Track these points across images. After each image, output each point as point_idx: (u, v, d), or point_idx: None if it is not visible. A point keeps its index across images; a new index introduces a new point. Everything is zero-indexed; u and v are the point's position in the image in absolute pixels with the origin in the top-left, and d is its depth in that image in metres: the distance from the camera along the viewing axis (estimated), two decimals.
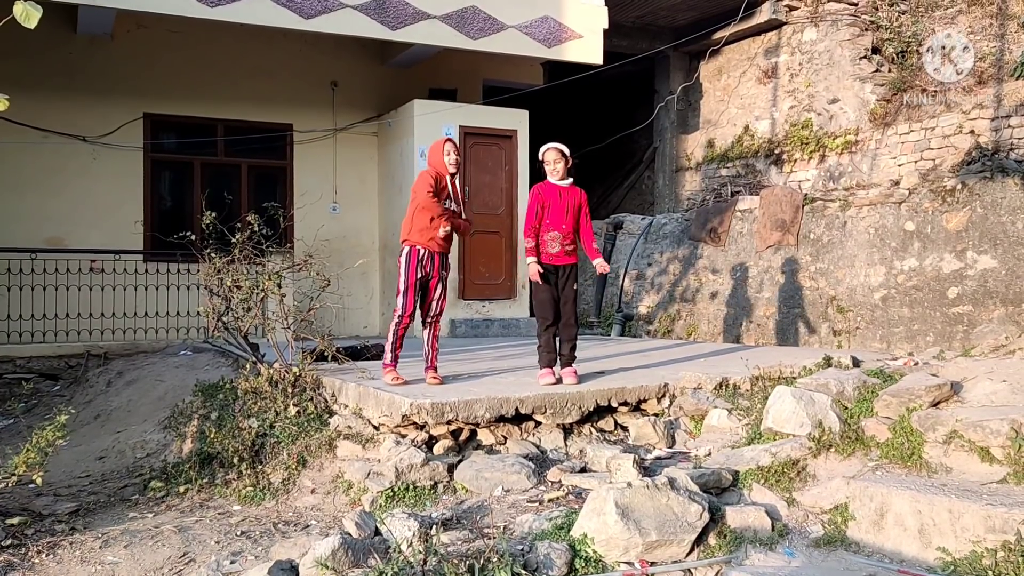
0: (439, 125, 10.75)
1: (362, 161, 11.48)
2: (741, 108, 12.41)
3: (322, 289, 6.44)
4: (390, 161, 11.26)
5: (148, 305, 9.42)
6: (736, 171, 12.23)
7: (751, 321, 9.29)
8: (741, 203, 9.88)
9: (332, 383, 5.98)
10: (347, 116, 11.43)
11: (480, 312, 11.01)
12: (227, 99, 10.83)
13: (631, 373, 6.29)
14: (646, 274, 11.03)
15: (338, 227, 11.17)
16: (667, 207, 13.30)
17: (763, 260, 9.31)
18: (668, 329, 10.39)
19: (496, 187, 11.13)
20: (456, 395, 5.12)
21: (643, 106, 14.11)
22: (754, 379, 5.79)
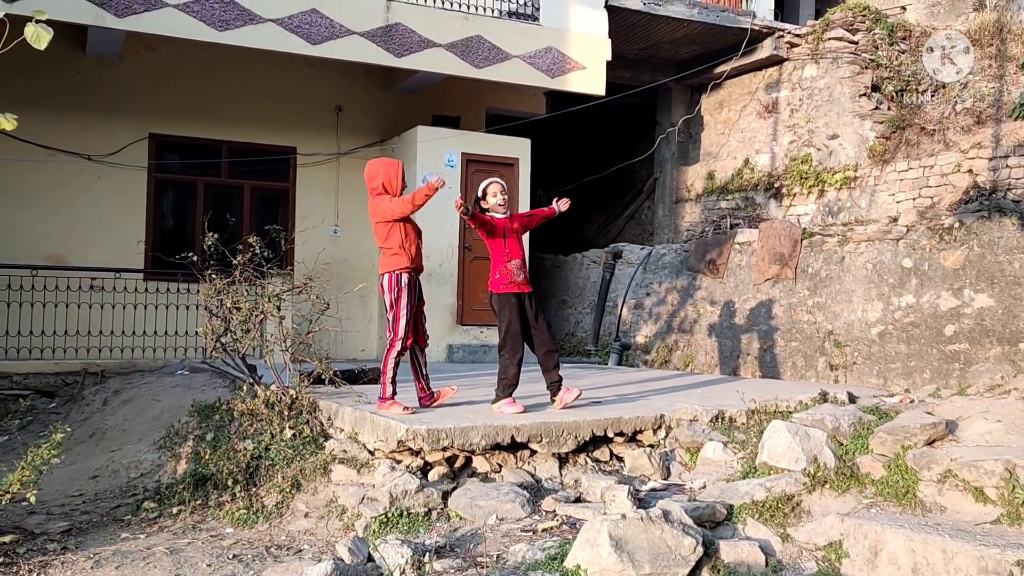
0: (442, 152, 10.83)
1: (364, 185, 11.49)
2: (742, 141, 12.50)
3: (321, 312, 6.45)
4: None
5: (147, 324, 9.42)
6: (736, 204, 12.29)
7: (748, 353, 9.29)
8: (740, 236, 9.92)
9: (328, 407, 5.97)
10: (351, 141, 11.51)
11: (478, 338, 11.01)
12: (232, 121, 10.91)
13: (628, 403, 6.29)
14: (644, 304, 11.05)
15: (339, 250, 11.20)
16: (666, 238, 13.35)
17: (761, 293, 9.34)
18: (665, 359, 10.38)
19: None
20: (452, 422, 5.12)
21: (644, 137, 14.21)
22: (750, 413, 5.79)
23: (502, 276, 5.77)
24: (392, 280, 5.66)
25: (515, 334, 5.72)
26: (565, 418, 5.39)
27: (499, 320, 5.78)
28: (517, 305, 5.74)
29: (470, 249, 11.02)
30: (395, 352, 5.63)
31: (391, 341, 5.65)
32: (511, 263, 5.79)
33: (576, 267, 12.80)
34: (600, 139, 15.61)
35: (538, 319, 5.83)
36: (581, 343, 12.19)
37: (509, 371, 5.72)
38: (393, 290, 5.64)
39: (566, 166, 15.92)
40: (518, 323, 5.72)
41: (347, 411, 5.72)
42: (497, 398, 5.75)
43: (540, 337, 5.83)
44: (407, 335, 5.64)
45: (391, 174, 5.76)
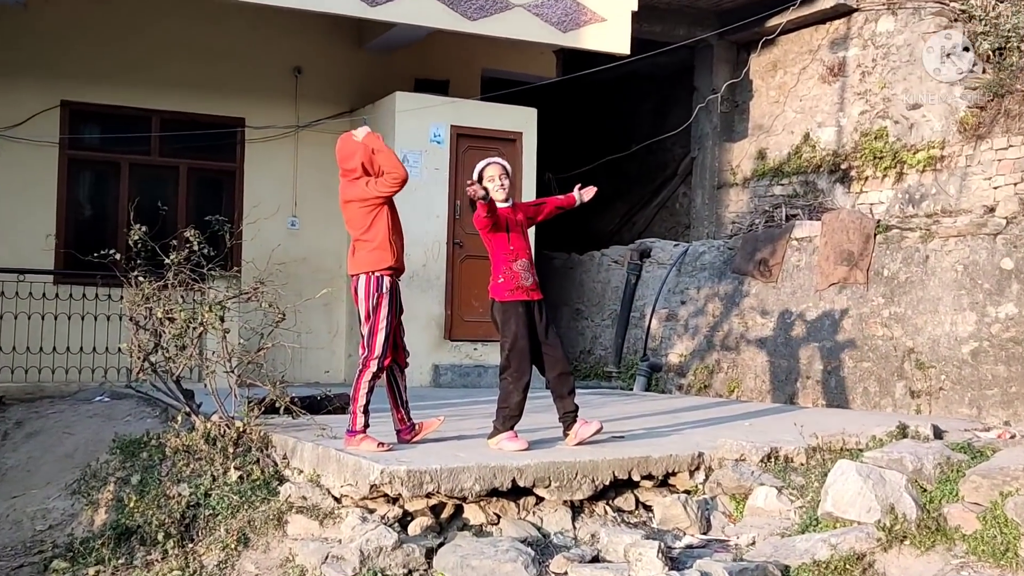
0: (426, 124, 10.84)
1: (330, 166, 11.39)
2: (800, 112, 12.51)
3: (275, 324, 6.45)
4: None
5: (57, 339, 9.42)
6: (792, 189, 12.30)
7: (808, 376, 9.29)
8: (798, 229, 9.92)
9: (284, 442, 5.97)
10: (313, 110, 11.52)
11: (471, 357, 11.01)
12: (165, 86, 10.93)
13: (658, 439, 6.29)
14: (678, 314, 11.05)
15: (297, 247, 11.21)
16: (706, 232, 13.37)
17: (824, 301, 9.34)
18: (705, 384, 10.38)
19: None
20: (438, 461, 5.12)
21: (679, 107, 14.24)
22: (810, 450, 5.79)
23: (507, 280, 5.77)
24: (371, 284, 5.63)
25: (521, 352, 5.71)
26: (580, 457, 5.38)
27: (501, 334, 5.78)
28: (525, 316, 5.73)
29: (461, 245, 11.04)
30: (370, 374, 5.62)
31: (365, 360, 5.63)
32: (517, 263, 5.79)
33: (593, 268, 12.81)
34: (624, 109, 15.65)
35: (549, 333, 5.83)
36: (599, 363, 12.19)
37: (512, 398, 5.71)
38: (372, 296, 5.62)
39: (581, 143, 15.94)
40: (525, 338, 5.71)
41: (307, 448, 5.71)
42: (495, 432, 5.74)
43: (552, 356, 5.83)
44: (385, 353, 5.63)
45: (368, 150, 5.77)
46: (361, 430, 5.60)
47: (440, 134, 10.92)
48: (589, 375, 12.02)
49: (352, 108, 11.62)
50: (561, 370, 5.83)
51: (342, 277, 11.69)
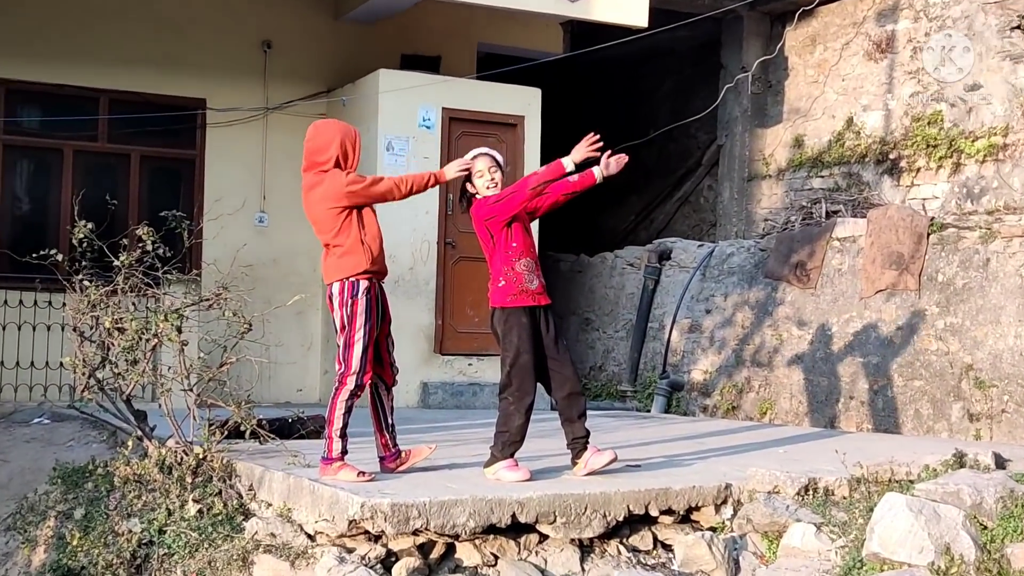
0: (415, 106, 10.84)
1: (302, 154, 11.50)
2: (843, 93, 12.52)
3: (241, 335, 6.45)
4: None
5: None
6: (834, 182, 12.29)
7: (851, 397, 9.28)
8: (840, 228, 9.92)
9: (250, 471, 5.96)
10: (284, 90, 11.52)
11: (464, 373, 11.00)
12: (114, 63, 10.92)
13: (679, 468, 6.29)
14: (703, 325, 11.05)
15: (266, 247, 11.20)
16: (735, 230, 13.37)
17: (870, 310, 9.34)
18: (733, 405, 10.37)
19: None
20: (427, 493, 5.11)
21: (704, 88, 14.23)
22: (854, 481, 5.78)
23: (509, 283, 5.74)
24: (346, 290, 5.64)
25: (524, 368, 5.69)
26: (590, 489, 5.38)
27: (502, 347, 5.76)
28: (530, 325, 5.72)
29: (454, 246, 11.04)
30: (347, 393, 5.61)
31: (341, 377, 5.62)
32: (520, 263, 5.78)
33: (605, 272, 12.80)
34: (641, 91, 15.65)
35: (558, 346, 5.81)
36: (612, 381, 12.17)
37: (513, 421, 5.70)
38: (346, 304, 5.62)
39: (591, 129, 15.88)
40: (529, 352, 5.69)
41: (277, 477, 5.70)
42: (493, 460, 5.74)
43: (561, 373, 5.81)
44: (364, 368, 5.62)
45: (347, 143, 5.77)
46: (338, 457, 5.59)
47: (430, 118, 10.92)
48: (600, 394, 12.00)
49: (329, 88, 11.62)
50: (571, 389, 5.82)
51: (317, 281, 11.63)
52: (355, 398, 5.64)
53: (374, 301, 5.68)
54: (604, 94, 16.09)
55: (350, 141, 5.77)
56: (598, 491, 5.34)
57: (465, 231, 10.78)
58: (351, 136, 5.80)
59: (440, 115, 10.95)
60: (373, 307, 5.66)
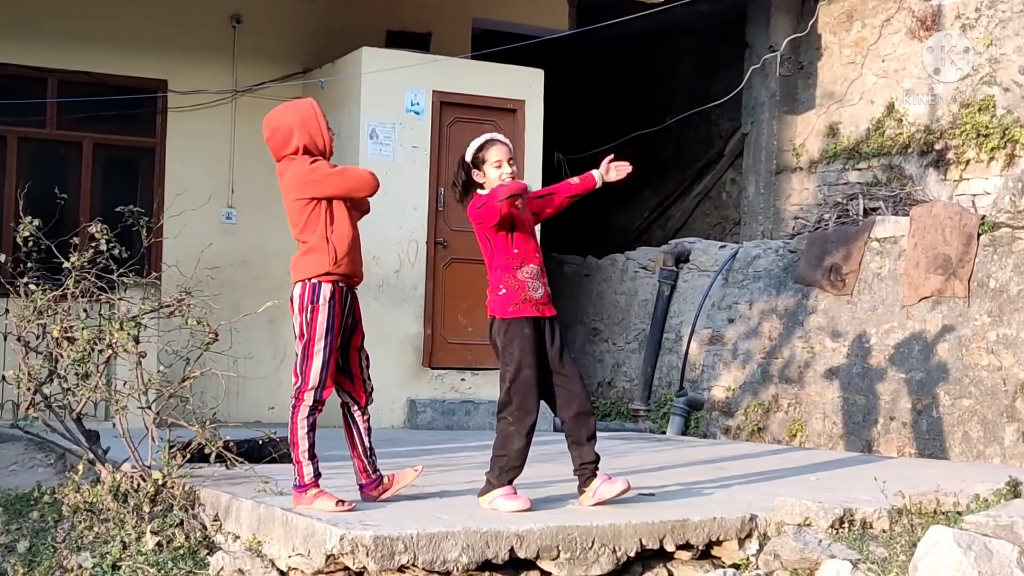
0: (402, 89, 10.83)
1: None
2: (883, 76, 12.51)
3: (206, 347, 6.43)
4: None
5: None
6: (872, 176, 12.29)
7: (892, 417, 9.26)
8: (880, 227, 9.90)
9: (215, 499, 5.94)
10: (255, 70, 11.51)
11: (457, 389, 10.98)
12: (64, 40, 10.90)
13: (698, 497, 6.27)
14: (725, 336, 11.03)
15: (235, 246, 11.19)
16: (761, 229, 13.36)
17: (913, 320, 9.32)
18: (759, 426, 10.35)
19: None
20: (415, 524, 5.08)
21: (727, 69, 14.24)
22: (895, 513, 5.76)
23: (511, 291, 5.73)
24: (306, 293, 5.62)
25: (526, 384, 5.67)
26: (598, 520, 5.35)
27: (502, 361, 5.74)
28: (533, 338, 5.71)
29: (446, 246, 11.02)
30: (305, 410, 5.58)
31: (298, 392, 5.60)
32: (524, 270, 5.76)
33: (615, 276, 12.79)
34: (656, 72, 15.65)
35: (564, 360, 5.79)
36: (623, 399, 12.15)
37: (512, 444, 5.68)
38: (306, 310, 5.61)
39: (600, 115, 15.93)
40: (532, 367, 5.67)
41: (245, 506, 5.68)
42: (489, 487, 5.71)
43: (568, 389, 5.80)
44: (324, 383, 5.59)
45: (310, 124, 5.72)
46: (312, 483, 5.57)
47: (419, 102, 10.91)
48: (609, 414, 11.98)
49: (305, 68, 11.61)
50: (579, 408, 5.80)
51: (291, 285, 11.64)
52: (314, 416, 5.61)
53: (339, 308, 5.63)
54: (615, 76, 16.10)
55: (311, 122, 5.71)
56: (607, 523, 5.31)
57: (458, 229, 10.77)
58: (309, 115, 5.73)
59: (430, 99, 10.94)
60: (337, 315, 5.62)
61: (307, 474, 5.56)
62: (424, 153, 10.88)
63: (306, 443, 5.57)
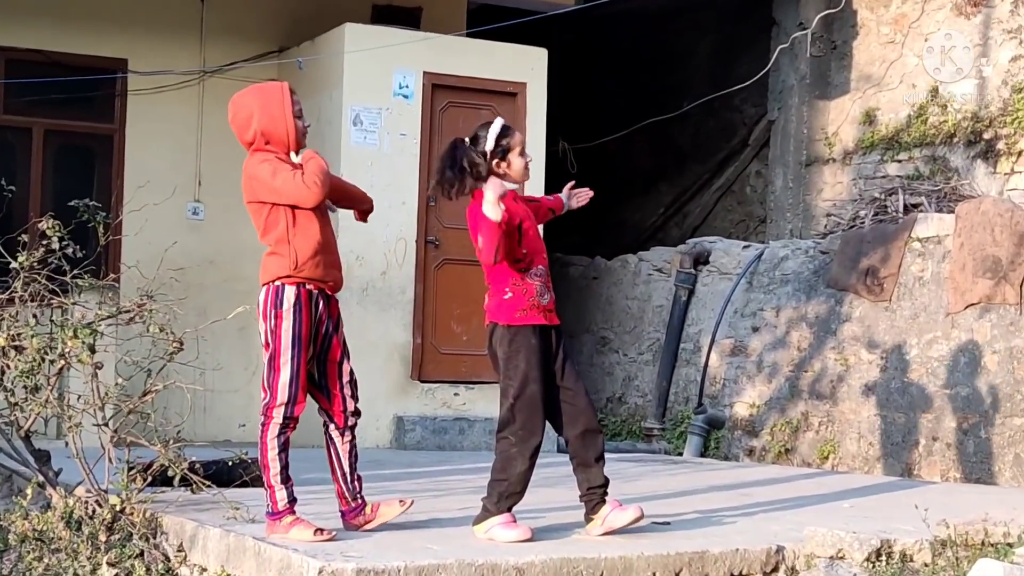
0: (388, 70, 10.82)
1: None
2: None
3: (169, 356, 6.42)
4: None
5: None
6: (914, 168, 12.28)
7: (935, 438, 9.26)
8: (922, 226, 9.91)
9: (180, 527, 5.94)
10: (225, 49, 11.51)
11: (449, 405, 10.97)
12: (12, 14, 10.89)
13: (718, 527, 6.27)
14: (749, 346, 11.03)
15: (202, 245, 11.21)
16: (789, 228, 13.36)
17: (959, 329, 9.32)
18: (786, 447, 10.35)
19: None
20: (402, 556, 5.09)
21: (751, 49, 14.23)
22: (938, 544, 5.76)
23: (518, 295, 5.71)
24: (270, 298, 5.63)
25: (531, 401, 5.66)
26: (607, 552, 5.35)
27: (504, 374, 5.73)
28: (540, 349, 5.71)
29: (437, 245, 11.03)
30: (275, 429, 5.55)
31: (266, 409, 5.57)
32: (532, 272, 5.77)
33: (626, 279, 12.78)
34: (673, 52, 15.64)
35: (568, 373, 5.79)
36: (635, 416, 12.14)
37: (513, 467, 5.68)
38: (269, 316, 5.61)
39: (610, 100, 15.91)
40: (539, 381, 5.67)
41: (213, 535, 5.67)
42: (485, 514, 5.72)
43: (573, 406, 5.80)
44: (295, 398, 5.59)
45: (273, 109, 5.71)
46: (287, 509, 5.56)
47: (408, 84, 10.91)
48: (620, 433, 11.98)
49: (282, 47, 11.60)
50: (586, 426, 5.79)
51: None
52: (287, 433, 5.60)
53: (306, 315, 5.61)
54: (626, 57, 16.09)
55: (275, 106, 5.69)
56: (617, 555, 5.31)
57: (452, 226, 10.78)
58: (274, 98, 5.71)
59: (421, 81, 10.94)
60: (305, 322, 5.60)
61: (280, 500, 5.56)
62: (414, 141, 10.87)
63: (277, 465, 5.56)
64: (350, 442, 5.82)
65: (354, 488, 5.85)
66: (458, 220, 10.88)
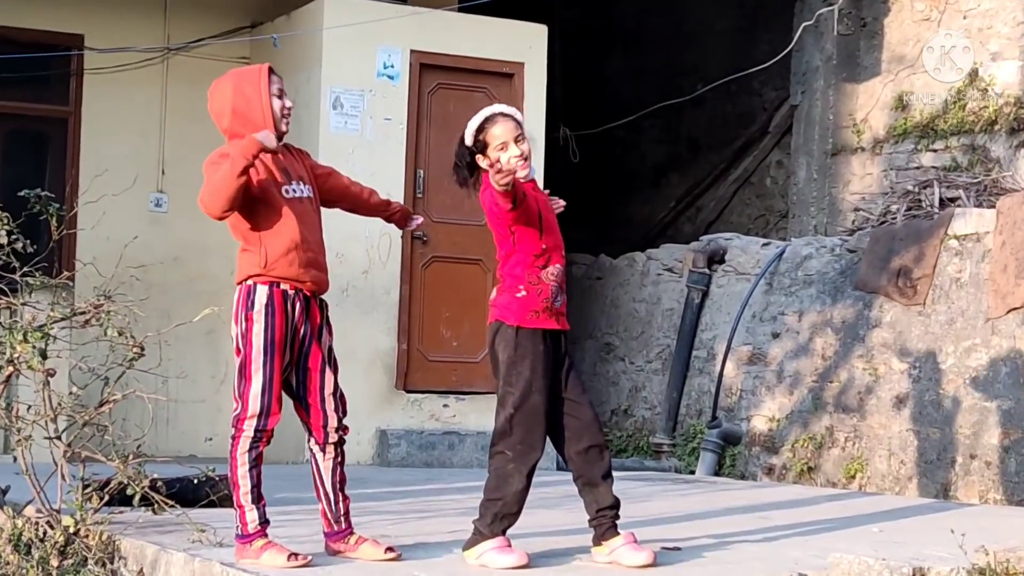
0: (371, 47, 10.82)
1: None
2: (964, 35, 12.50)
3: (129, 363, 6.41)
4: None
5: None
6: (951, 158, 12.28)
7: (973, 455, 9.26)
8: (960, 222, 9.91)
9: (140, 551, 5.93)
10: (192, 25, 11.51)
11: (438, 418, 10.96)
12: None
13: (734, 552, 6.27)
14: (769, 354, 11.02)
15: (165, 240, 11.21)
16: (814, 223, 13.36)
17: (1000, 335, 9.32)
18: (809, 465, 10.34)
19: None
20: None
21: (773, 27, 14.24)
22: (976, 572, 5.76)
23: (532, 295, 5.69)
24: (241, 299, 5.65)
25: (534, 413, 5.64)
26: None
27: (504, 380, 5.71)
28: (546, 356, 5.70)
29: (425, 241, 11.02)
30: (246, 443, 5.55)
31: (236, 421, 5.58)
32: (549, 270, 5.75)
33: (634, 279, 12.78)
34: (686, 30, 15.64)
35: (573, 383, 5.79)
36: (643, 430, 12.14)
37: (509, 485, 5.66)
38: (240, 319, 5.62)
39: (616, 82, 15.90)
40: (543, 392, 5.66)
41: (176, 560, 5.68)
42: (477, 538, 5.71)
43: (578, 419, 5.78)
44: (268, 409, 5.58)
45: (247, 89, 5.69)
46: (258, 532, 5.55)
47: (394, 64, 10.91)
48: (626, 448, 11.97)
49: (254, 22, 11.60)
50: (591, 441, 5.77)
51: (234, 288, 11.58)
52: (259, 447, 5.59)
53: (280, 317, 5.61)
54: (635, 35, 16.09)
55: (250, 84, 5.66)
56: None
57: (441, 220, 10.77)
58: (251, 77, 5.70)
59: (407, 61, 10.94)
60: (279, 326, 5.59)
61: (251, 521, 5.55)
62: (399, 127, 10.86)
63: (248, 483, 5.54)
64: (333, 459, 5.78)
65: (337, 511, 5.81)
66: (448, 214, 10.94)
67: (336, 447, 5.79)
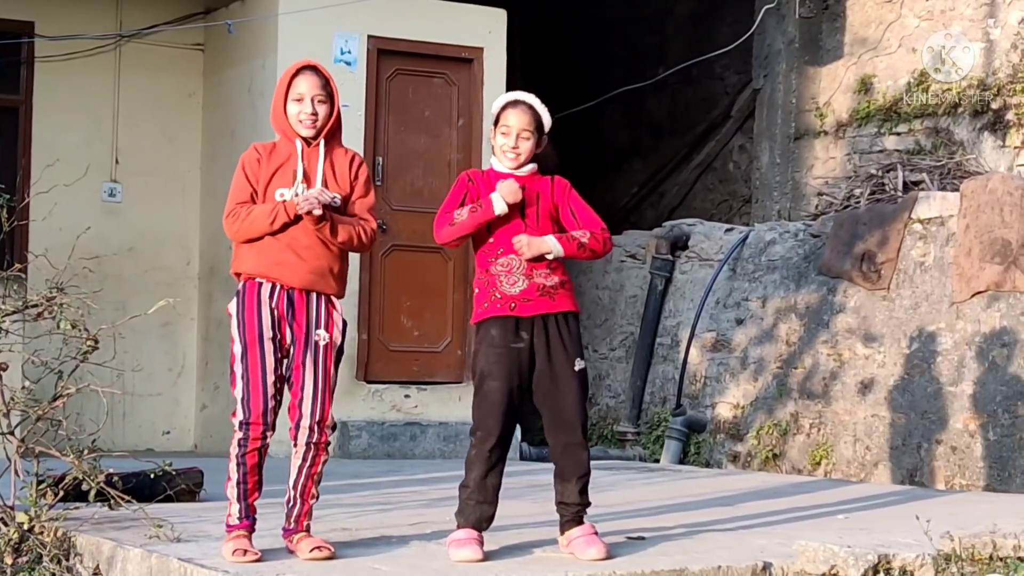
0: (328, 33, 10.78)
1: (172, 102, 11.49)
2: (927, 18, 12.53)
3: (83, 356, 6.39)
4: (228, 101, 11.28)
5: None
6: (915, 141, 12.31)
7: (939, 440, 9.30)
8: (924, 205, 9.94)
9: (96, 547, 5.91)
10: (144, 12, 11.46)
11: (399, 408, 10.95)
12: None
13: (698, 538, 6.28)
14: (732, 340, 11.04)
15: (120, 231, 11.18)
16: (777, 208, 13.38)
17: (965, 319, 9.35)
18: (774, 452, 10.37)
19: (438, 159, 11.13)
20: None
21: (734, 10, 14.25)
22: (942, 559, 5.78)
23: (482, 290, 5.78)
24: (236, 296, 5.68)
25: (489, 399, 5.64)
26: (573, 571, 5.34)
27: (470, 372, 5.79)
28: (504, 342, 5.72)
29: (385, 229, 10.94)
30: (235, 444, 5.54)
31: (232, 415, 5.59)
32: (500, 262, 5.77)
33: (596, 266, 12.78)
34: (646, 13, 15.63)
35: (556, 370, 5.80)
36: (608, 419, 12.15)
37: (471, 472, 5.66)
38: (233, 315, 5.64)
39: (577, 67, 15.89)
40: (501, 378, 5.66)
41: (133, 557, 5.65)
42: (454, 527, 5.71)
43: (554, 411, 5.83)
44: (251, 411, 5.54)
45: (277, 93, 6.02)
46: (237, 526, 5.55)
47: (351, 50, 10.87)
48: (590, 437, 11.95)
49: (208, 8, 11.54)
50: (566, 438, 5.78)
51: (191, 279, 11.58)
52: (249, 449, 5.55)
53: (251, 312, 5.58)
54: (595, 18, 16.07)
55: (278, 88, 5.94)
56: (584, 574, 5.31)
57: (402, 208, 10.75)
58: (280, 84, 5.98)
59: (365, 46, 10.90)
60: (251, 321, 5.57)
61: (232, 514, 5.56)
62: (358, 114, 10.81)
63: (235, 477, 5.56)
64: (302, 459, 5.70)
65: (291, 510, 5.77)
66: (409, 201, 10.92)
67: (309, 448, 5.69)
